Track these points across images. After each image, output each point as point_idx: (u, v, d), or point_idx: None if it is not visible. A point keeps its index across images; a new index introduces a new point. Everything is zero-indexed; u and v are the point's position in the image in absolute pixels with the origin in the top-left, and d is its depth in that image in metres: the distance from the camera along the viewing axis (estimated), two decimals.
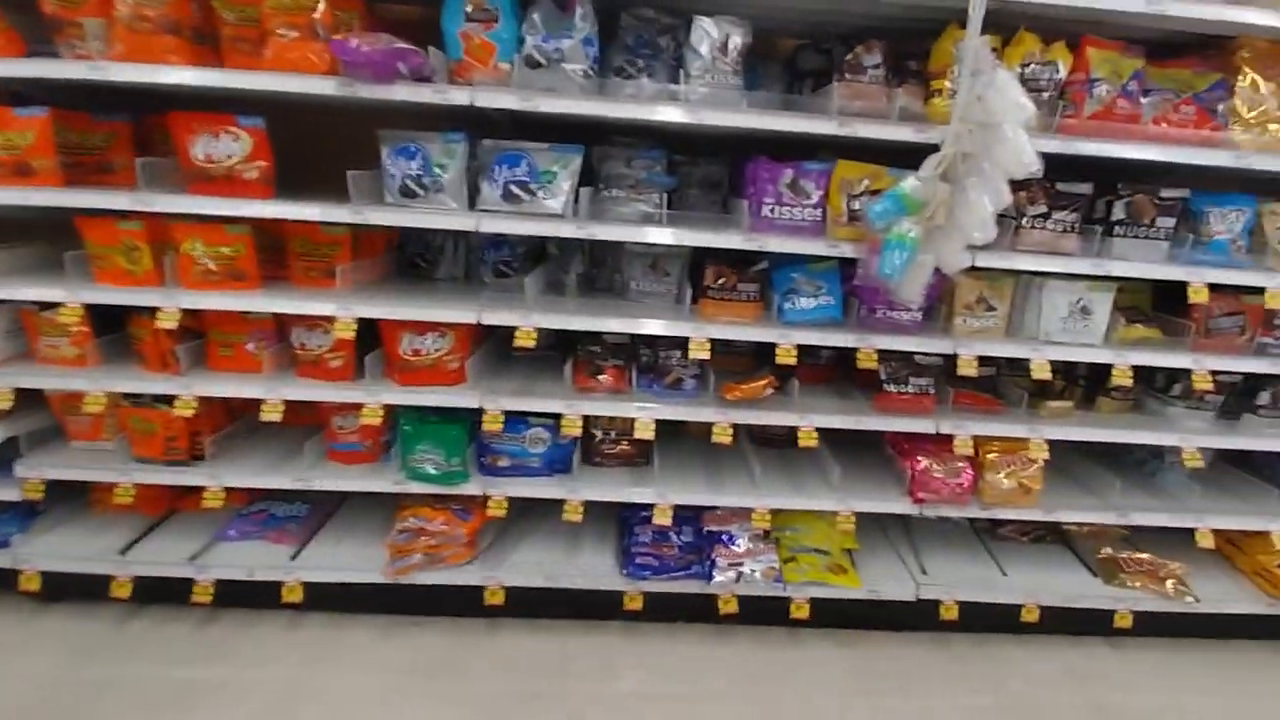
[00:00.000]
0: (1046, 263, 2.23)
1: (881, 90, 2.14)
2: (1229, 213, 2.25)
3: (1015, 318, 2.41)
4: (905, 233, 1.96)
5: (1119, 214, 2.24)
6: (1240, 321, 2.35)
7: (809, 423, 2.37)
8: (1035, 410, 2.48)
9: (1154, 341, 2.38)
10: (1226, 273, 2.24)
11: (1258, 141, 2.16)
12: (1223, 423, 2.54)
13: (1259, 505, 2.63)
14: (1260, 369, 2.36)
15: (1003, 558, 2.71)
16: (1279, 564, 2.59)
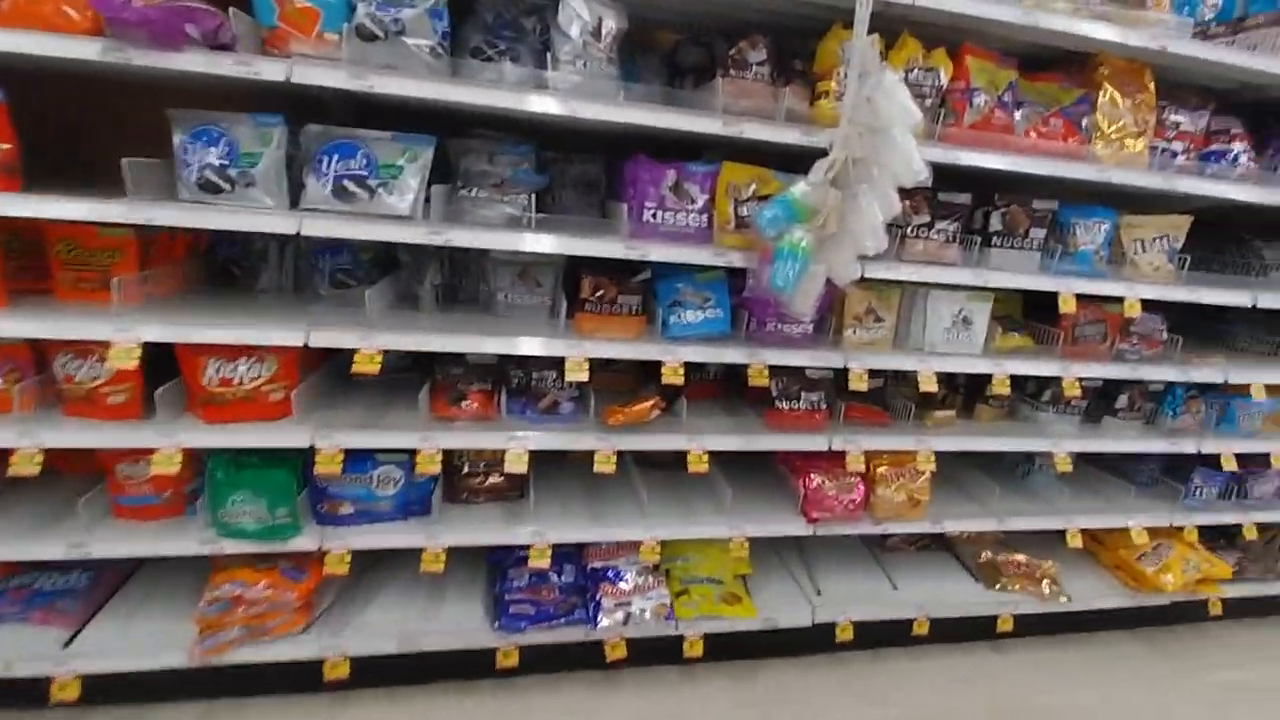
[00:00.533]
0: (930, 273, 2.18)
1: (767, 89, 1.99)
2: (1092, 225, 2.31)
3: (902, 329, 2.36)
4: (797, 242, 1.81)
5: (996, 225, 2.24)
6: (1102, 329, 2.43)
7: (699, 446, 2.19)
8: (922, 422, 2.45)
9: (1027, 350, 2.42)
10: (1092, 283, 2.30)
11: (1117, 156, 2.22)
12: (1087, 426, 2.64)
13: (1119, 503, 2.76)
14: (1119, 374, 2.46)
15: (893, 570, 2.68)
16: (1138, 558, 2.74)
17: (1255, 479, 2.80)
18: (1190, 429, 2.66)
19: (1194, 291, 2.41)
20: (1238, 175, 2.36)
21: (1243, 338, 2.96)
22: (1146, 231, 2.37)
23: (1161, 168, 2.27)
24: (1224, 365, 2.57)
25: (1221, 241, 2.82)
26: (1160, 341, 2.50)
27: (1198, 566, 2.71)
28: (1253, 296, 2.48)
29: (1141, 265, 2.36)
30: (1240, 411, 2.68)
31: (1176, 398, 2.61)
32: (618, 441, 2.12)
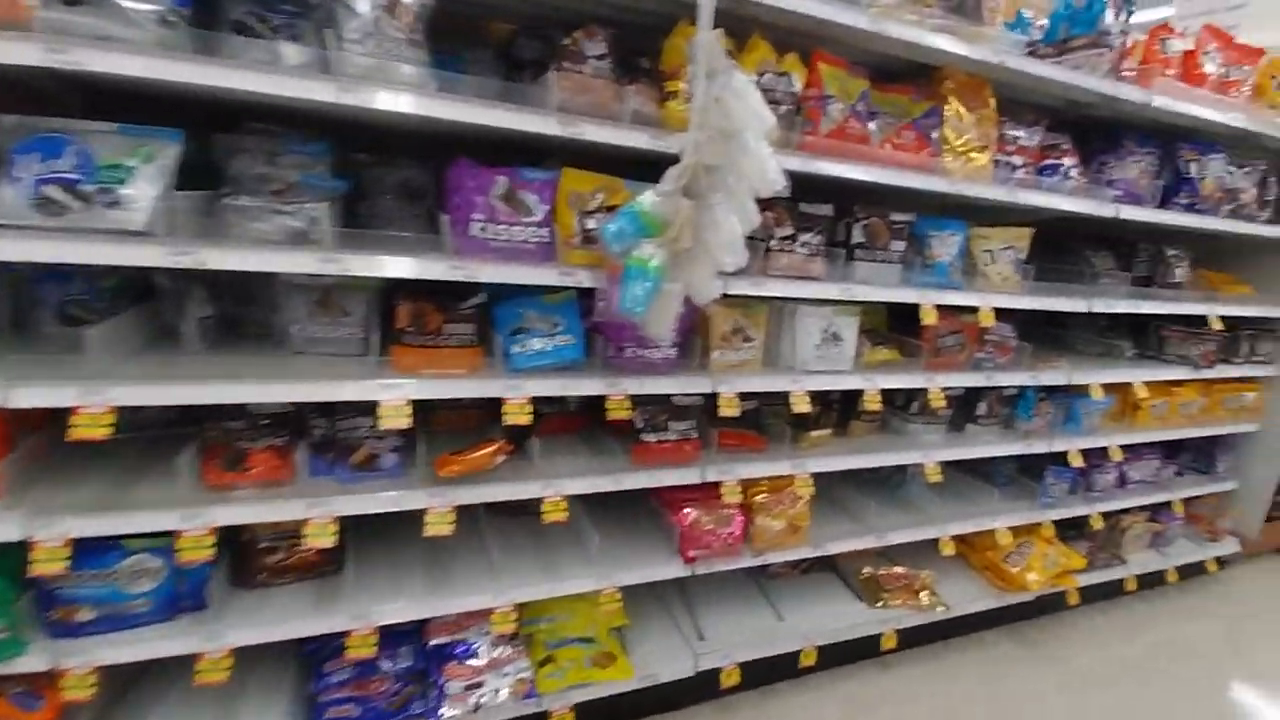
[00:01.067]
0: (797, 288, 2.05)
1: (610, 87, 1.76)
2: (946, 237, 2.30)
3: (772, 348, 2.22)
4: (647, 259, 1.59)
5: (858, 237, 2.16)
6: (961, 339, 2.44)
7: (556, 491, 1.91)
8: (798, 444, 2.33)
9: (896, 363, 2.37)
10: (950, 294, 2.29)
11: (965, 169, 2.22)
12: (953, 434, 2.66)
13: (985, 506, 2.81)
14: (978, 382, 2.49)
15: (778, 598, 2.54)
16: (1004, 558, 2.79)
17: (1098, 471, 2.96)
18: (1041, 430, 2.76)
19: (1039, 300, 2.48)
20: (1070, 189, 2.46)
21: (1080, 341, 3.14)
22: (994, 243, 2.41)
23: (1004, 181, 2.31)
24: (1067, 369, 2.68)
25: (1058, 251, 2.98)
26: (1012, 348, 2.55)
27: (1056, 561, 2.81)
28: (1088, 303, 2.60)
29: (991, 276, 2.39)
30: (1083, 410, 2.81)
31: (1029, 401, 2.70)
32: (455, 495, 1.79)
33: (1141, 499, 3.11)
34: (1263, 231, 2.95)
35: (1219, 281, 3.22)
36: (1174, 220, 2.67)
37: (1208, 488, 3.36)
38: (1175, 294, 2.88)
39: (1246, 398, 3.33)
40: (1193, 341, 3.02)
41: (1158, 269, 2.90)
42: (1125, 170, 2.57)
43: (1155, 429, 3.02)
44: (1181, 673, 2.78)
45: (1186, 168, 2.72)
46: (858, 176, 2.00)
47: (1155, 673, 2.76)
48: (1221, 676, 2.78)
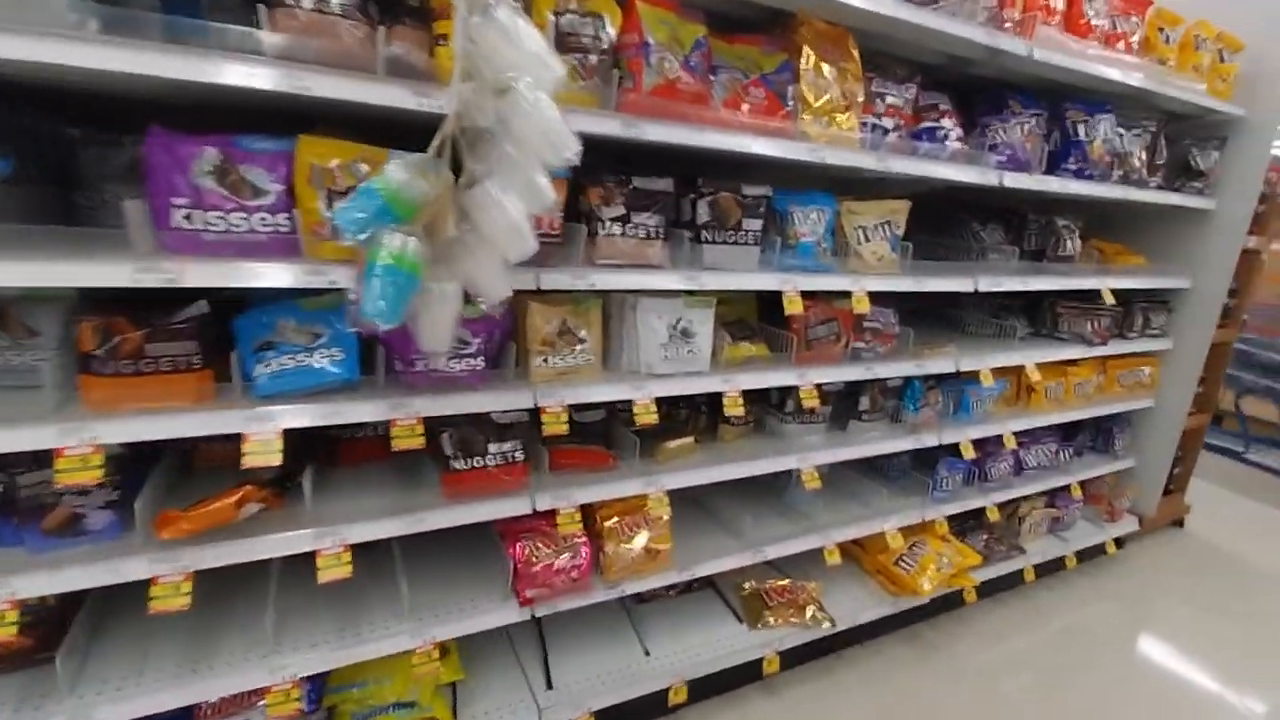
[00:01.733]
0: (633, 279, 1.74)
1: (358, 28, 1.38)
2: (811, 212, 2.03)
3: (613, 348, 1.91)
4: (398, 251, 1.23)
5: (705, 215, 1.86)
6: (835, 329, 2.18)
7: (338, 541, 1.55)
8: (654, 457, 2.04)
9: (762, 359, 2.10)
10: (817, 278, 2.02)
11: (828, 133, 1.94)
12: (834, 433, 2.42)
13: (874, 506, 2.60)
14: (857, 376, 2.24)
15: (647, 627, 2.26)
16: (895, 561, 2.60)
17: (992, 460, 2.80)
18: (931, 421, 2.56)
19: (919, 281, 2.24)
20: (950, 155, 2.22)
21: (970, 321, 2.97)
22: (867, 218, 2.15)
23: (874, 146, 2.04)
24: (955, 354, 2.47)
25: (941, 225, 2.77)
26: (894, 335, 2.32)
27: (951, 561, 2.63)
28: (974, 281, 2.39)
29: (865, 256, 2.14)
30: (974, 398, 2.63)
31: (916, 392, 2.48)
32: (190, 559, 1.41)
33: (1039, 485, 2.98)
34: (1154, 198, 2.82)
35: (1111, 252, 3.09)
36: (1063, 188, 2.49)
37: (1106, 467, 3.28)
38: (1068, 268, 2.72)
39: (1143, 373, 3.24)
40: (1086, 317, 2.88)
41: (1049, 241, 2.73)
42: (1010, 133, 2.35)
43: (1051, 412, 2.88)
44: (1081, 659, 2.67)
45: (1074, 130, 2.53)
46: (694, 143, 1.69)
47: (1055, 663, 2.64)
48: (1122, 658, 2.69)
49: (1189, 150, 2.98)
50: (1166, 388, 3.32)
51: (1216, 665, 2.70)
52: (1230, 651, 2.79)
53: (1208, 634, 2.89)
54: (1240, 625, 2.98)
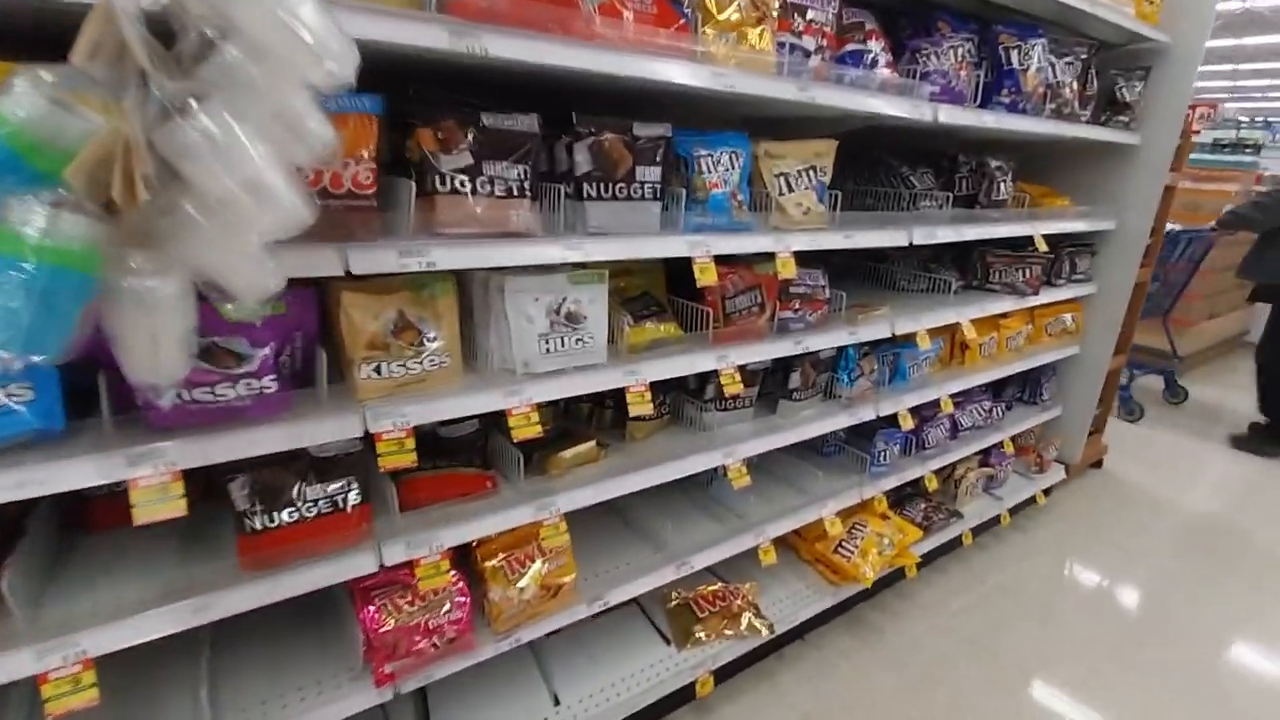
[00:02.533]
0: (490, 253, 1.30)
1: None
2: (721, 157, 1.63)
3: (478, 344, 1.48)
4: (40, 233, 0.74)
5: (585, 164, 1.42)
6: (757, 298, 1.83)
7: (72, 657, 1.07)
8: (545, 469, 1.64)
9: (673, 342, 1.72)
10: (733, 239, 1.65)
11: (737, 54, 1.54)
12: (764, 418, 2.10)
13: (810, 492, 2.32)
14: (784, 351, 1.91)
15: (556, 667, 1.90)
16: (835, 549, 2.36)
17: (929, 426, 2.59)
18: (867, 393, 2.29)
19: (850, 237, 1.92)
20: (881, 84, 1.87)
21: (901, 275, 2.70)
22: (790, 163, 1.78)
23: (795, 72, 1.66)
24: (890, 316, 2.19)
25: (863, 169, 2.46)
26: (824, 301, 2.00)
27: (892, 540, 2.41)
28: (908, 234, 2.09)
29: (789, 209, 1.78)
30: (909, 363, 2.38)
31: (850, 362, 2.19)
32: None
33: (975, 446, 2.82)
34: (1086, 133, 2.61)
35: (1037, 194, 2.89)
36: (999, 124, 2.21)
37: (1036, 419, 3.18)
38: (1001, 215, 2.48)
39: (1067, 320, 3.12)
40: (1018, 266, 2.67)
41: (982, 185, 2.47)
42: (942, 59, 2.03)
43: (986, 369, 2.68)
44: (1018, 616, 2.55)
45: (1007, 57, 2.25)
46: (558, 62, 1.24)
47: (994, 626, 2.51)
48: (1051, 608, 2.60)
49: (1115, 81, 2.79)
50: (1091, 333, 3.23)
51: (1149, 613, 2.66)
52: (1158, 595, 2.77)
53: (1136, 581, 2.87)
54: (1158, 566, 2.98)
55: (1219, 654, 2.48)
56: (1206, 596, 2.80)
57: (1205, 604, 2.75)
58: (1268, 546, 3.18)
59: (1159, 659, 2.44)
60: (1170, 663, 2.41)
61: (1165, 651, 2.48)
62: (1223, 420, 4.80)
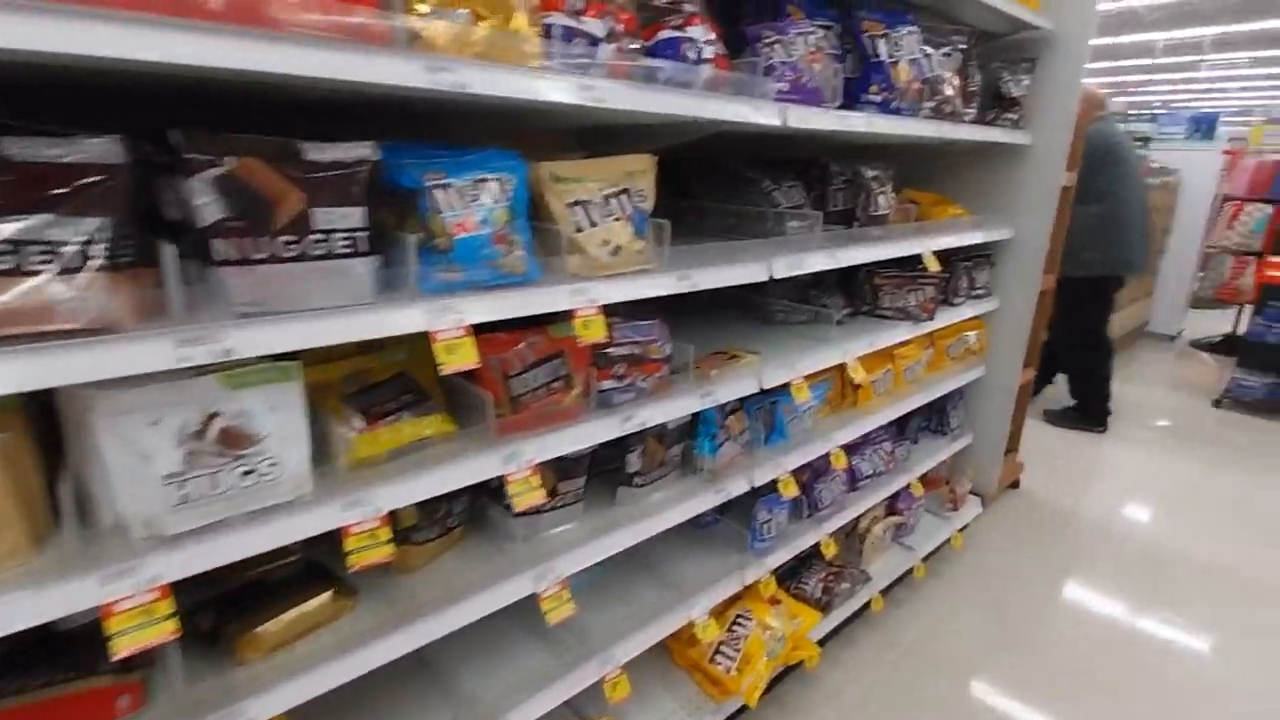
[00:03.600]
0: (31, 366, 0.78)
1: None
2: (476, 185, 1.16)
3: (82, 494, 0.94)
4: None
5: (211, 207, 0.91)
6: (559, 369, 1.36)
7: None
8: (237, 652, 1.12)
9: (440, 441, 1.23)
10: (499, 299, 1.18)
11: (474, 39, 1.07)
12: (597, 512, 1.63)
13: (674, 584, 1.88)
14: (606, 433, 1.45)
15: None
16: (712, 657, 1.92)
17: (821, 483, 2.20)
18: (737, 460, 1.87)
19: (688, 278, 1.48)
20: (708, 81, 1.45)
21: (777, 307, 2.31)
22: (589, 187, 1.33)
23: (573, 66, 1.21)
24: (757, 365, 1.78)
25: (724, 184, 2.06)
26: (663, 360, 1.56)
27: (784, 633, 2.01)
28: (766, 266, 1.68)
29: (591, 249, 1.32)
30: (788, 415, 1.98)
31: (710, 426, 1.77)
32: None
33: (879, 494, 2.46)
34: (972, 135, 2.29)
35: (928, 203, 2.58)
36: (870, 127, 1.84)
37: (946, 450, 2.86)
38: (883, 232, 2.12)
39: (970, 339, 2.83)
40: (909, 288, 2.33)
41: (859, 199, 2.11)
42: (792, 50, 1.64)
43: (882, 408, 2.32)
44: (936, 682, 2.20)
45: (873, 47, 1.89)
46: (135, 54, 0.74)
47: (911, 696, 2.15)
48: (977, 668, 2.26)
49: (999, 75, 2.51)
50: (996, 350, 2.95)
51: (1081, 654, 2.36)
52: (1090, 633, 2.47)
53: (1068, 620, 2.57)
54: (1089, 598, 2.71)
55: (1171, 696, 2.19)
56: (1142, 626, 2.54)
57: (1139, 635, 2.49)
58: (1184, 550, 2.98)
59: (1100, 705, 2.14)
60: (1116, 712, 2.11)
61: (1108, 698, 2.18)
62: (1140, 414, 4.73)
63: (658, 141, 1.72)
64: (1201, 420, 4.61)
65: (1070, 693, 2.25)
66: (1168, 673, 2.37)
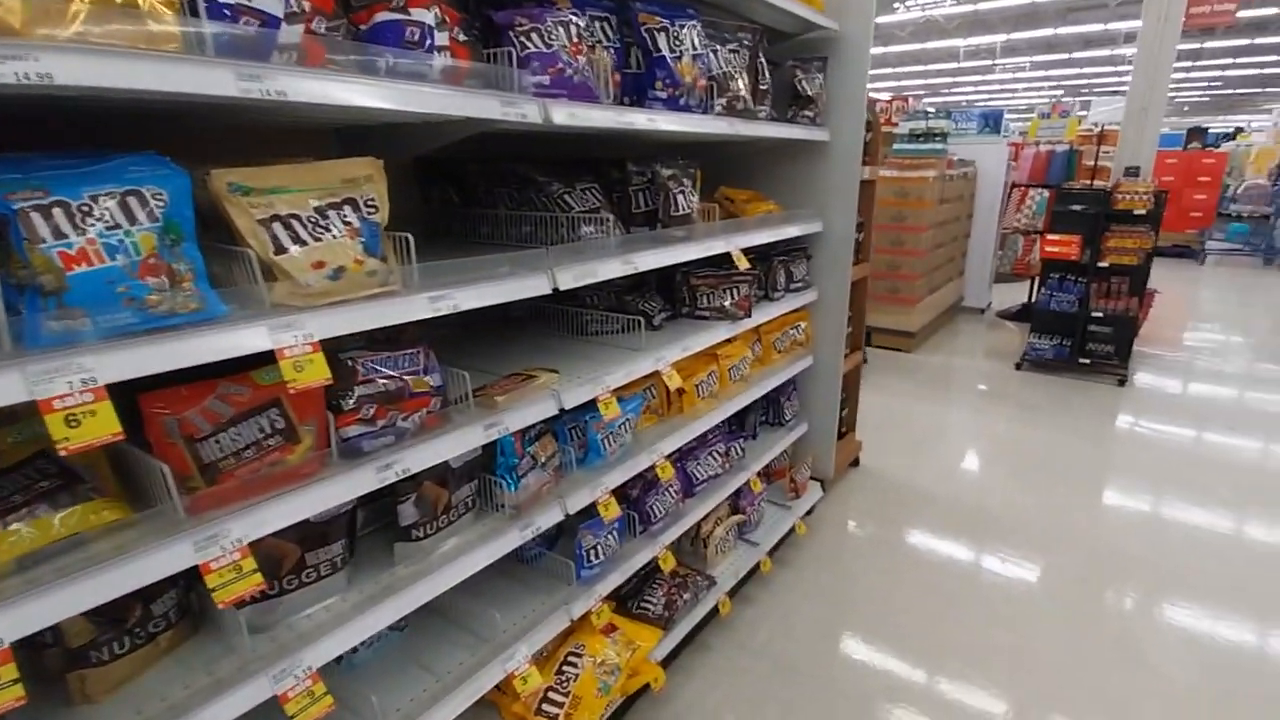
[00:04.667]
0: None
1: None
2: (101, 204, 0.89)
3: None
4: None
5: None
6: (275, 423, 1.12)
7: None
8: None
9: (109, 530, 0.95)
10: (150, 348, 0.93)
11: (61, 17, 0.82)
12: (367, 580, 1.40)
13: (487, 635, 1.69)
14: (361, 488, 1.23)
15: None
16: (538, 708, 1.75)
17: (651, 496, 2.11)
18: (546, 487, 1.71)
19: (444, 299, 1.30)
20: (441, 72, 1.27)
21: (589, 317, 2.18)
22: (293, 199, 1.10)
23: (227, 50, 0.98)
24: (553, 385, 1.64)
25: (514, 187, 1.90)
26: (431, 393, 1.36)
27: (619, 663, 1.88)
28: (549, 278, 1.54)
29: (299, 273, 1.09)
30: (601, 434, 1.86)
31: (509, 458, 1.59)
32: None
33: (718, 496, 2.41)
34: (767, 131, 2.30)
35: (741, 200, 2.59)
36: (652, 124, 1.75)
37: (784, 441, 2.90)
38: (686, 233, 2.05)
39: (797, 330, 2.89)
40: (725, 287, 2.31)
41: (659, 198, 2.03)
42: (552, 38, 1.50)
43: (709, 411, 2.28)
44: (788, 678, 2.19)
45: (654, 41, 1.80)
46: None
47: (764, 697, 2.11)
48: (821, 658, 2.28)
49: (794, 74, 2.55)
50: (821, 340, 3.04)
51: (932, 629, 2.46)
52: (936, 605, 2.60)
53: (913, 593, 2.69)
54: (933, 569, 2.86)
55: None
56: (977, 571, 2.72)
57: (976, 578, 2.68)
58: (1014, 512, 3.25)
59: (955, 648, 2.23)
60: (969, 683, 2.19)
61: (960, 640, 2.29)
62: (961, 381, 5.19)
63: (423, 143, 1.52)
64: (1007, 382, 5.15)
65: (925, 647, 2.39)
66: (999, 605, 2.63)
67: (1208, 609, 2.59)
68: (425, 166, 2.15)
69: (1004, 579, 2.79)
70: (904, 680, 2.25)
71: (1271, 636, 2.45)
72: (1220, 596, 2.65)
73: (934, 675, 2.27)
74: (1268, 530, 3.13)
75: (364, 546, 1.50)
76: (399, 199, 1.28)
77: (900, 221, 5.48)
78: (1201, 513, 3.29)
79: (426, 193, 2.17)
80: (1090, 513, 3.30)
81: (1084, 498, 3.45)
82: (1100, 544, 3.02)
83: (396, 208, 1.25)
